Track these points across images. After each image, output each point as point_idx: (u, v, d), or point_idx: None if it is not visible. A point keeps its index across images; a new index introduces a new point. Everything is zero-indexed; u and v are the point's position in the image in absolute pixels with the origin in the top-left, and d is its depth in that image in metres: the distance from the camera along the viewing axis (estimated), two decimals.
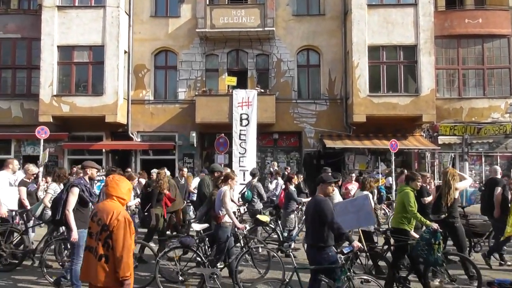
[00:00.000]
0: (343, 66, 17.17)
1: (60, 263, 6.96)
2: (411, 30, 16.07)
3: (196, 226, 6.52)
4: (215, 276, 5.47)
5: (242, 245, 6.58)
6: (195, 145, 17.01)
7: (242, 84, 16.87)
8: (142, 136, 17.56)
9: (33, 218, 7.88)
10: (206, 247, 6.38)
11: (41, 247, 7.18)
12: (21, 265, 7.28)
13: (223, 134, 15.05)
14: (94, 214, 3.67)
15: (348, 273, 4.58)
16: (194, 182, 11.23)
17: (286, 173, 12.82)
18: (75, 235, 5.55)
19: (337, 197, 8.40)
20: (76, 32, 16.35)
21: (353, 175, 12.73)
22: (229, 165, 15.84)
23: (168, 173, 9.67)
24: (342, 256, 4.63)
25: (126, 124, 17.16)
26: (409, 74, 16.53)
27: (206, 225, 6.69)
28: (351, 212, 6.18)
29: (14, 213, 7.79)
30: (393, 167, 15.29)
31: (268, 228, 9.42)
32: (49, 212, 7.22)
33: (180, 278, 6.06)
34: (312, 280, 4.78)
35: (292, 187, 8.89)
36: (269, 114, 16.56)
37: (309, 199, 7.35)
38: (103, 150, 17.16)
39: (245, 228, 6.60)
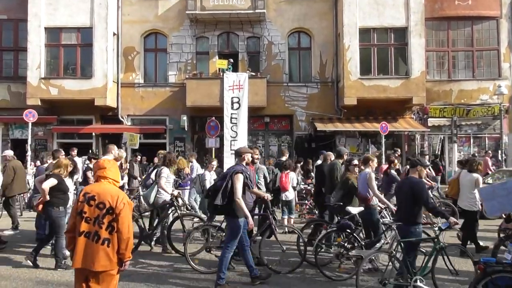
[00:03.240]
0: (334, 48, 17.13)
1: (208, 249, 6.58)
2: (402, 12, 16.05)
3: (353, 210, 6.29)
4: (373, 257, 5.75)
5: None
6: (186, 129, 16.95)
7: (233, 67, 16.75)
8: (132, 119, 17.43)
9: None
10: (362, 230, 6.39)
11: (185, 235, 6.94)
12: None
13: (214, 118, 14.99)
14: (90, 198, 3.55)
15: (441, 243, 5.12)
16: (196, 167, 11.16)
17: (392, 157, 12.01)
18: (251, 221, 5.48)
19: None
20: (63, 13, 16.05)
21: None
22: (220, 148, 15.92)
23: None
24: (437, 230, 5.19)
25: (116, 107, 17.00)
26: (399, 56, 16.56)
27: (361, 208, 6.43)
28: (499, 196, 5.89)
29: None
30: (383, 149, 15.44)
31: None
32: (162, 197, 7.29)
33: (336, 261, 6.13)
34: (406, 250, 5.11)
35: (393, 171, 8.68)
36: (260, 98, 16.52)
37: None
38: (93, 134, 17.02)
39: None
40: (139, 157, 13.18)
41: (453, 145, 16.76)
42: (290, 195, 9.17)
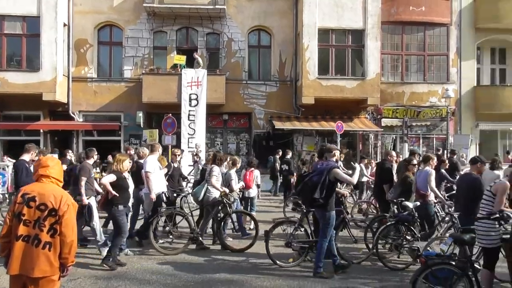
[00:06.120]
0: (293, 47, 17.23)
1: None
2: (360, 14, 16.39)
3: (410, 204, 6.77)
4: (428, 248, 5.89)
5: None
6: (142, 126, 16.42)
7: (191, 63, 16.41)
8: (84, 115, 16.63)
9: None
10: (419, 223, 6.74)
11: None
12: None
13: (170, 115, 14.62)
14: (30, 199, 3.29)
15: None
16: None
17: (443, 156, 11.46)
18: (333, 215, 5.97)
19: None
20: (6, 0, 14.93)
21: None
22: (178, 146, 15.58)
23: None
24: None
25: (66, 103, 16.12)
26: (356, 58, 16.96)
27: (417, 203, 6.89)
28: None
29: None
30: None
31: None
32: (212, 195, 7.53)
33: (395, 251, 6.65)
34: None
35: (442, 170, 8.75)
36: (219, 95, 16.33)
37: None
38: (41, 131, 16.08)
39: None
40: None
41: (404, 144, 17.46)
42: (253, 192, 9.27)
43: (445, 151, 17.10)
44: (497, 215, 4.64)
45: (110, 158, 11.54)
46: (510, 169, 8.42)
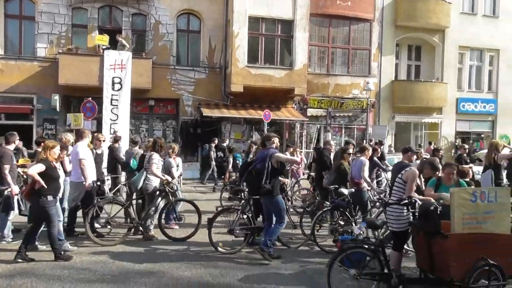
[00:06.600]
0: (223, 34, 16.99)
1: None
2: (289, 5, 16.57)
3: (345, 190, 7.05)
4: (361, 232, 6.07)
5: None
6: (58, 109, 15.20)
7: (115, 45, 15.48)
8: None
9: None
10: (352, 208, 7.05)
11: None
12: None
13: (90, 98, 13.69)
14: None
15: None
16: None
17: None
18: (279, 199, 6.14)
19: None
20: None
21: None
22: (99, 131, 14.69)
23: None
24: None
25: None
26: (285, 48, 17.19)
27: (352, 190, 7.21)
28: None
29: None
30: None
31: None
32: (152, 183, 7.17)
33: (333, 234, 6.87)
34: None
35: (375, 158, 9.40)
36: (145, 79, 15.67)
37: None
38: None
39: None
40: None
41: (327, 134, 18.17)
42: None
43: (364, 141, 18.12)
44: (406, 201, 4.93)
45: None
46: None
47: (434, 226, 4.61)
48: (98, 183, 7.47)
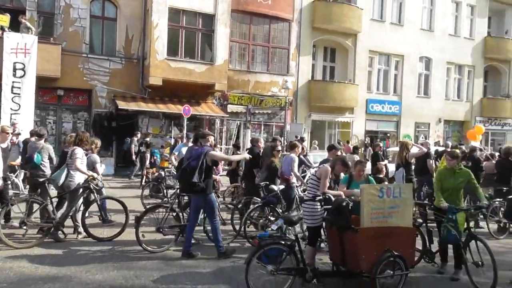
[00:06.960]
0: (142, 24, 16.30)
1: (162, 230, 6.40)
2: None
3: (275, 187, 7.28)
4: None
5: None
6: None
7: (18, 27, 13.99)
8: None
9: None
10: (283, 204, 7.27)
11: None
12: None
13: None
14: None
15: None
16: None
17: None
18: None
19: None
20: None
21: None
22: None
23: None
24: None
25: None
26: (206, 42, 16.99)
27: (282, 186, 7.40)
28: None
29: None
30: (185, 131, 15.66)
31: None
32: (75, 180, 6.77)
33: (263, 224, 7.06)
34: None
35: (301, 155, 9.21)
36: (53, 67, 14.44)
37: None
38: None
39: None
40: None
41: (247, 130, 18.38)
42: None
43: (282, 138, 18.64)
44: (320, 197, 5.12)
45: None
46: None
47: (345, 221, 4.86)
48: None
